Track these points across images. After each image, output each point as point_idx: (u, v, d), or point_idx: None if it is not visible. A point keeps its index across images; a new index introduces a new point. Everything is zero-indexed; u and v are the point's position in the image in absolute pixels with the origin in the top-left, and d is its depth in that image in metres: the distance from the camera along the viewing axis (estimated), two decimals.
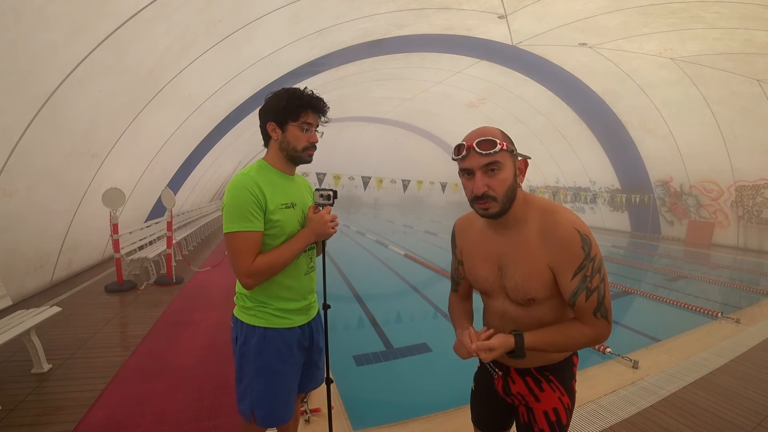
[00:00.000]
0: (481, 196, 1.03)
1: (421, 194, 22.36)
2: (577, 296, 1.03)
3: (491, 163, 1.01)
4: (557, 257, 1.03)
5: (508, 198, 1.04)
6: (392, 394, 3.12)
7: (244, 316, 1.45)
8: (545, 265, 1.05)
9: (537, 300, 1.09)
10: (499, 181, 1.02)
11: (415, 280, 6.92)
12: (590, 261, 1.01)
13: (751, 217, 10.61)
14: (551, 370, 1.17)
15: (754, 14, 6.55)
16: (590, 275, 1.02)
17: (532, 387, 1.19)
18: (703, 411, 2.53)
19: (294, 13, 6.17)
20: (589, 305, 1.03)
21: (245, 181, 1.34)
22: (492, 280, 1.17)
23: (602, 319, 1.05)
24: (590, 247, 1.02)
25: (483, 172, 1.03)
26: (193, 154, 8.92)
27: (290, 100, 1.38)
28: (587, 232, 1.03)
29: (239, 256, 1.32)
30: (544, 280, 1.06)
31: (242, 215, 1.32)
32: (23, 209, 4.26)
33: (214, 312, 4.37)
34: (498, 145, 1.00)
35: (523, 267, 1.08)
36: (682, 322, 4.52)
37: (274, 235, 1.39)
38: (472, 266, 1.23)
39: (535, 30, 8.58)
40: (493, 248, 1.16)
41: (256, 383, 1.42)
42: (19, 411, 2.41)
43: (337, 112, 18.02)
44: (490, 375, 1.32)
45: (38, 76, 3.57)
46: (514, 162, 1.06)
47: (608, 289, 1.06)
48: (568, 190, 16.08)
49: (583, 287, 1.02)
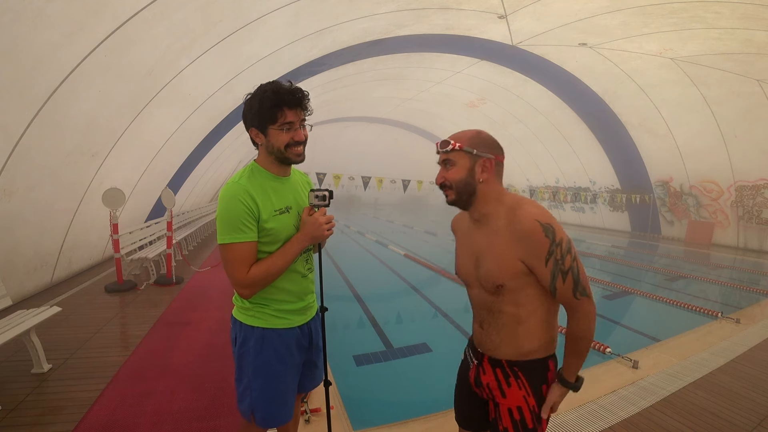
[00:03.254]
0: (440, 186, 1.23)
1: (421, 194, 22.35)
2: (555, 280, 1.11)
3: (446, 159, 1.21)
4: (526, 250, 1.12)
5: (462, 190, 1.20)
6: (392, 394, 3.13)
7: (242, 316, 1.44)
8: (516, 259, 1.14)
9: (506, 287, 1.17)
10: (450, 175, 1.20)
11: (415, 280, 6.92)
12: (557, 245, 1.10)
13: (751, 217, 10.61)
14: (520, 366, 1.21)
15: (754, 14, 6.54)
16: (560, 258, 1.10)
17: (500, 380, 1.23)
18: (703, 411, 2.53)
19: (294, 13, 6.16)
20: (568, 287, 1.11)
21: (236, 191, 1.31)
22: (470, 271, 1.28)
23: (583, 297, 1.13)
24: (554, 233, 1.10)
25: (442, 166, 1.23)
26: (193, 154, 8.92)
27: (263, 102, 1.30)
28: (549, 220, 1.12)
29: (234, 267, 1.31)
30: (511, 269, 1.15)
31: (235, 226, 1.29)
32: (23, 209, 4.26)
33: (214, 312, 4.38)
34: (450, 146, 1.19)
35: (493, 258, 1.18)
36: (682, 322, 4.53)
37: (269, 243, 1.37)
38: (457, 257, 1.38)
39: (535, 30, 8.58)
40: (473, 242, 1.28)
41: (255, 384, 1.41)
42: (19, 411, 2.41)
43: (337, 112, 18.04)
44: (468, 365, 1.37)
45: (38, 76, 3.57)
46: (471, 161, 1.19)
47: (582, 268, 1.14)
48: (568, 190, 16.07)
49: (558, 270, 1.10)
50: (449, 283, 6.58)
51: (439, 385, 3.20)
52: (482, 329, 1.28)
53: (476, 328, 1.32)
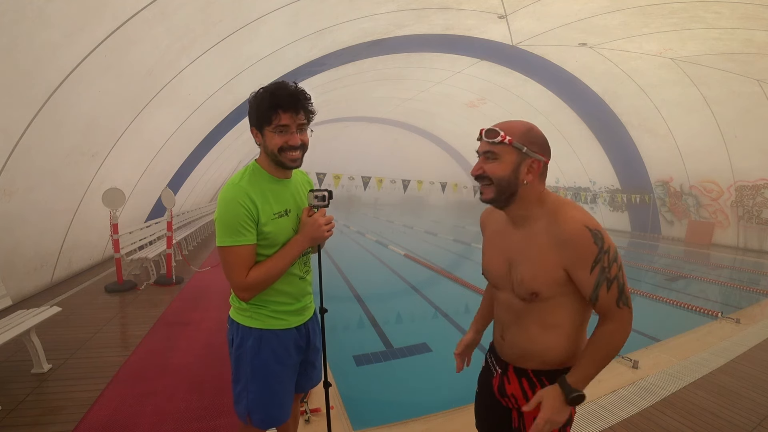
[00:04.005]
0: (477, 178, 1.12)
1: (421, 194, 22.31)
2: (599, 289, 1.03)
3: (488, 151, 1.09)
4: (571, 257, 1.04)
5: (503, 188, 1.09)
6: (392, 394, 3.13)
7: (240, 317, 1.43)
8: (557, 266, 1.06)
9: (541, 296, 1.10)
10: (491, 168, 1.09)
11: (415, 280, 6.92)
12: (605, 253, 1.02)
13: (751, 217, 10.61)
14: (548, 375, 1.16)
15: (754, 14, 6.54)
16: (608, 266, 1.03)
17: (526, 389, 1.18)
18: (703, 411, 2.53)
19: (294, 13, 6.16)
20: (612, 295, 1.04)
21: (236, 193, 1.29)
22: (502, 273, 1.20)
23: (625, 307, 1.05)
24: (603, 241, 1.03)
25: (484, 158, 1.11)
26: (193, 154, 8.92)
27: (261, 102, 1.28)
28: (597, 226, 1.04)
29: (233, 270, 1.29)
30: (551, 277, 1.07)
31: (234, 229, 1.28)
32: (23, 209, 4.26)
33: (214, 312, 4.38)
34: (500, 137, 1.06)
35: (530, 263, 1.10)
36: (682, 322, 4.53)
37: (267, 246, 1.36)
38: (487, 258, 1.28)
39: (535, 30, 8.58)
40: (507, 243, 1.19)
41: (253, 385, 1.41)
42: (19, 411, 2.41)
43: (337, 112, 18.02)
44: (491, 373, 1.31)
45: (38, 76, 3.57)
46: (518, 158, 1.08)
47: (626, 278, 1.06)
48: (568, 190, 16.07)
49: (603, 279, 1.03)
50: (449, 283, 6.58)
51: (439, 385, 3.20)
52: (504, 337, 1.22)
53: (497, 336, 1.26)
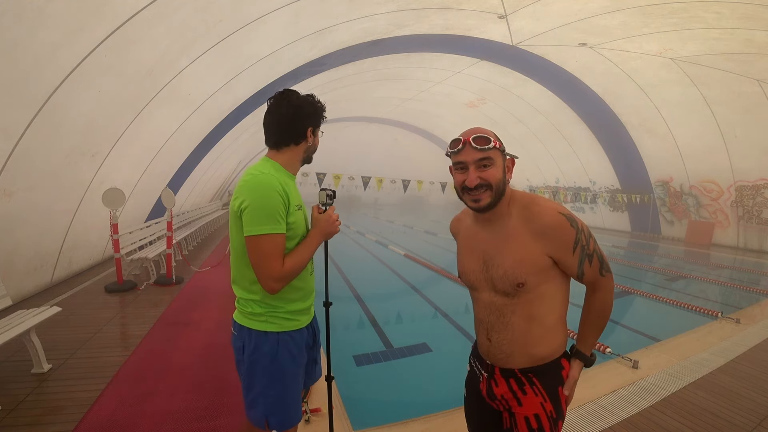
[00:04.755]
0: (474, 188, 1.12)
1: (421, 194, 22.35)
2: (582, 265, 1.14)
3: (484, 158, 1.12)
4: (554, 244, 1.12)
5: (500, 191, 1.14)
6: (392, 394, 3.13)
7: (252, 323, 1.40)
8: (541, 254, 1.13)
9: (526, 285, 1.13)
10: (490, 175, 1.12)
11: (415, 280, 6.92)
12: (581, 232, 1.13)
13: (751, 217, 10.61)
14: (535, 372, 1.17)
15: (754, 14, 6.54)
16: (586, 243, 1.14)
17: (515, 389, 1.18)
18: (703, 411, 2.53)
19: (294, 13, 6.16)
20: (594, 267, 1.16)
21: (273, 181, 1.32)
22: (478, 274, 1.23)
23: (608, 273, 1.19)
24: (576, 222, 1.13)
25: (476, 167, 1.12)
26: (193, 154, 8.92)
27: (318, 108, 1.49)
28: (567, 210, 1.15)
29: (270, 259, 1.28)
30: (537, 265, 1.13)
31: (272, 217, 1.28)
32: (23, 209, 4.26)
33: (214, 312, 4.38)
34: (492, 143, 1.11)
35: (513, 256, 1.15)
36: (682, 322, 4.52)
37: (290, 237, 1.38)
38: (461, 261, 1.32)
39: (535, 30, 8.58)
40: (479, 243, 1.24)
41: (271, 390, 1.39)
42: (19, 411, 2.41)
43: (337, 112, 18.02)
44: (477, 378, 1.31)
45: (38, 76, 3.57)
46: (503, 160, 1.16)
47: (600, 248, 1.19)
48: (568, 190, 16.07)
49: (585, 255, 1.14)
50: (449, 283, 6.58)
51: (439, 385, 3.20)
52: (491, 338, 1.21)
53: (483, 338, 1.25)
